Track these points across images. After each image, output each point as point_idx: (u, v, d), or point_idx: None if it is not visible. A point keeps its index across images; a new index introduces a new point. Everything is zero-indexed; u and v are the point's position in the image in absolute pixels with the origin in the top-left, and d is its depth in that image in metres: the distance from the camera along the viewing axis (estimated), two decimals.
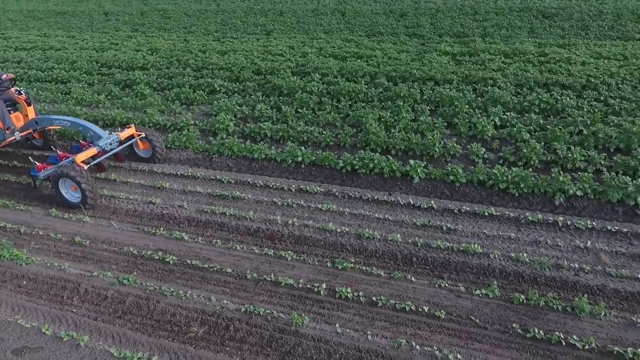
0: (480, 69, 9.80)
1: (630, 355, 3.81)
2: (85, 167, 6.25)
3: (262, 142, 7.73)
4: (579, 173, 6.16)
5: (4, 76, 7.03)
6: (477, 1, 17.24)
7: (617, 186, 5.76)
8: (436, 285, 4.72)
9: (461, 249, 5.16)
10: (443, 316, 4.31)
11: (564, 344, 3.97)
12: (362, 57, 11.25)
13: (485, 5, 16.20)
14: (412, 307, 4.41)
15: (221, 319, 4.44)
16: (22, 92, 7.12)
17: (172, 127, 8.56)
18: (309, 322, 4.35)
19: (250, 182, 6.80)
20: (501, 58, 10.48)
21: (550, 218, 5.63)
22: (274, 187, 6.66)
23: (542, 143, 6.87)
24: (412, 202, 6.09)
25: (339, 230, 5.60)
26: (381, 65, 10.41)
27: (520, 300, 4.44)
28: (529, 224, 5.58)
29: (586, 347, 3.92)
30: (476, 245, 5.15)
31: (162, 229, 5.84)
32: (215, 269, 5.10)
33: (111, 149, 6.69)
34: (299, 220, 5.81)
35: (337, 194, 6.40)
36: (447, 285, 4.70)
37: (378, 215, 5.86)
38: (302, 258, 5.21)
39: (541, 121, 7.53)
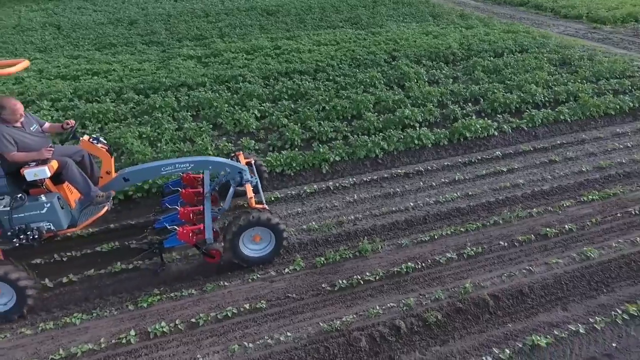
0: (228, 68, 10.21)
1: (405, 270, 4.82)
2: (267, 207, 4.84)
3: None
4: (333, 142, 7.26)
5: (65, 123, 4.73)
6: (206, 4, 17.75)
7: (360, 145, 7.06)
8: (250, 280, 4.79)
9: None
10: (265, 306, 4.44)
11: (362, 283, 4.69)
12: (98, 74, 10.07)
13: (214, 7, 16.84)
14: (233, 311, 4.36)
15: None
16: (99, 139, 4.80)
17: None
18: None
19: None
20: (243, 55, 11.17)
21: (323, 185, 6.47)
22: None
23: (299, 124, 7.76)
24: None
25: (130, 267, 4.98)
26: (124, 78, 9.58)
27: (322, 262, 4.99)
28: (309, 196, 6.27)
29: (377, 277, 4.74)
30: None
31: None
32: None
33: (255, 183, 5.15)
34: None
35: (114, 227, 5.64)
36: (259, 276, 4.84)
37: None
38: (95, 314, 4.41)
39: (292, 105, 8.47)
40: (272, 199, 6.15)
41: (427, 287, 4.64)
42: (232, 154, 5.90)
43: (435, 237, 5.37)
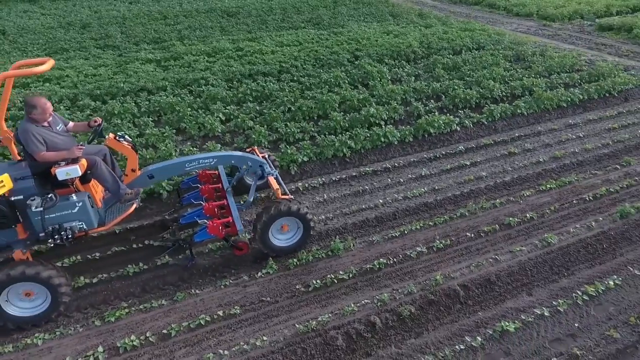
0: (189, 71, 9.99)
1: (377, 266, 4.87)
2: (292, 196, 5.03)
3: None
4: (300, 143, 7.24)
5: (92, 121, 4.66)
6: (163, 6, 17.29)
7: (328, 145, 7.08)
8: (222, 286, 4.70)
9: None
10: (238, 311, 4.36)
11: (336, 282, 4.70)
12: (50, 80, 9.58)
13: (172, 10, 16.42)
14: (207, 319, 4.26)
15: None
16: (125, 136, 4.77)
17: None
18: None
19: None
20: (205, 58, 10.95)
21: (292, 186, 6.44)
22: None
23: (265, 126, 7.69)
24: (168, 217, 5.77)
25: (95, 280, 4.77)
26: (79, 85, 9.18)
27: (295, 263, 4.96)
28: None
29: (350, 276, 4.77)
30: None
31: None
32: None
33: (276, 175, 5.25)
34: None
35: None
36: (231, 281, 4.76)
37: (135, 245, 5.29)
38: (58, 333, 4.19)
39: (257, 107, 8.38)
40: (241, 202, 6.06)
41: (400, 282, 4.71)
42: (248, 149, 5.93)
43: (405, 232, 5.46)
